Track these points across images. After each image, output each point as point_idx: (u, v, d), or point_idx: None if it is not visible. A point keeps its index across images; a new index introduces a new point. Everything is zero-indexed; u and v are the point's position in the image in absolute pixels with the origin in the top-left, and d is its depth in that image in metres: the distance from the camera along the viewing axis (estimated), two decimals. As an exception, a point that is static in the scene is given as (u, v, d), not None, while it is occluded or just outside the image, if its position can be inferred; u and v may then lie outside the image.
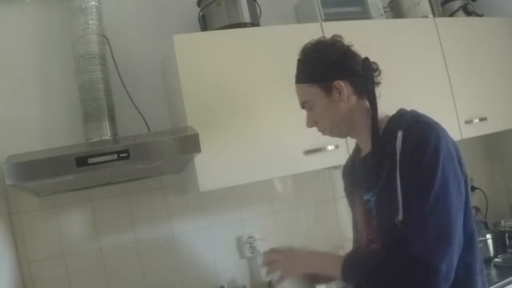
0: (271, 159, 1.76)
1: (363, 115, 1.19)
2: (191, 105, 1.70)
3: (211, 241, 2.04)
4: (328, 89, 1.17)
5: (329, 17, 2.05)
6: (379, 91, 1.20)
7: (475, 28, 2.26)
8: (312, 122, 1.25)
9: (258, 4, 2.00)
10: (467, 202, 1.07)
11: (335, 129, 1.24)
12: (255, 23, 1.95)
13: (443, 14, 2.40)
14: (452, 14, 2.42)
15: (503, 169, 2.67)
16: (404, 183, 1.03)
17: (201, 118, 1.69)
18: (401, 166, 1.04)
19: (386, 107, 1.21)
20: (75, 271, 1.84)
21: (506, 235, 2.24)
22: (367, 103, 1.18)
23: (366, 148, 1.20)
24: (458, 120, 2.10)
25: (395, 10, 2.35)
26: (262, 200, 2.14)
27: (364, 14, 2.11)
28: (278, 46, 1.85)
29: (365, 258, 1.11)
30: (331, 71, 1.17)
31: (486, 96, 2.19)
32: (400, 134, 1.07)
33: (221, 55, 1.77)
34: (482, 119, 2.13)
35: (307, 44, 1.23)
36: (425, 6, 2.28)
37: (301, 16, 2.29)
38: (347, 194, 1.33)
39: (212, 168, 1.68)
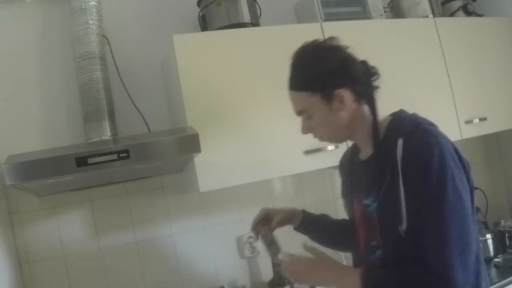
0: (271, 159, 1.76)
1: (363, 121, 1.15)
2: (191, 105, 1.70)
3: (211, 241, 2.04)
4: (328, 98, 1.12)
5: (329, 17, 2.05)
6: (377, 94, 1.17)
7: (475, 28, 2.26)
8: (308, 129, 1.20)
9: (258, 4, 2.00)
10: (472, 206, 1.06)
11: (334, 137, 1.21)
12: (255, 23, 1.95)
13: (443, 14, 2.40)
14: (452, 14, 2.42)
15: (503, 169, 2.67)
16: (410, 193, 1.01)
17: (201, 118, 1.69)
18: (404, 176, 1.02)
19: (386, 108, 1.21)
20: (75, 271, 1.84)
21: (506, 235, 2.24)
22: (367, 108, 1.15)
23: (366, 152, 1.18)
24: (458, 120, 2.10)
25: (395, 10, 2.35)
26: (262, 200, 2.14)
27: (364, 14, 2.11)
28: (278, 46, 1.84)
29: (385, 277, 1.07)
30: (332, 79, 1.11)
31: (486, 96, 2.19)
32: (400, 142, 1.04)
33: (221, 55, 1.77)
34: (482, 119, 2.13)
35: (303, 47, 1.17)
36: (425, 6, 2.28)
37: (301, 16, 2.29)
38: (344, 191, 1.31)
39: (212, 168, 1.68)
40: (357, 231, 1.22)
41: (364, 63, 1.15)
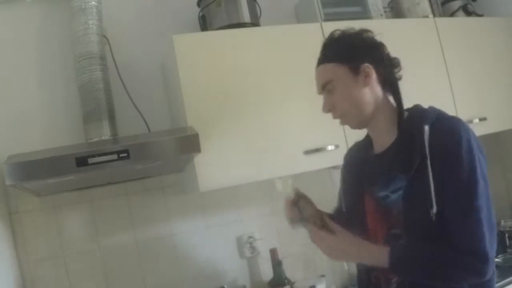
0: (271, 159, 1.76)
1: (386, 108, 1.20)
2: (191, 105, 1.70)
3: (211, 241, 2.04)
4: (355, 71, 1.17)
5: (329, 17, 2.05)
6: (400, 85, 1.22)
7: (475, 28, 2.26)
8: (329, 105, 1.21)
9: (258, 4, 2.00)
10: None
11: (353, 114, 1.20)
12: (255, 23, 1.95)
13: (443, 14, 2.40)
14: (452, 14, 2.43)
15: (503, 169, 2.67)
16: (439, 177, 1.05)
17: (201, 118, 1.69)
18: (433, 160, 1.06)
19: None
20: (75, 271, 1.84)
21: (506, 235, 2.24)
22: (391, 98, 1.20)
23: (383, 144, 1.20)
24: (458, 120, 2.09)
25: (395, 10, 2.35)
26: (262, 200, 2.14)
27: (364, 14, 2.11)
28: (278, 46, 1.85)
29: (415, 252, 1.10)
30: (361, 53, 1.18)
31: (486, 96, 2.19)
32: (426, 127, 1.09)
33: (221, 55, 1.77)
34: (482, 119, 2.13)
35: (335, 31, 1.23)
36: (425, 6, 2.28)
37: (301, 16, 2.29)
38: (348, 187, 1.32)
39: (212, 168, 1.68)
40: (366, 224, 1.21)
41: (388, 53, 1.22)
